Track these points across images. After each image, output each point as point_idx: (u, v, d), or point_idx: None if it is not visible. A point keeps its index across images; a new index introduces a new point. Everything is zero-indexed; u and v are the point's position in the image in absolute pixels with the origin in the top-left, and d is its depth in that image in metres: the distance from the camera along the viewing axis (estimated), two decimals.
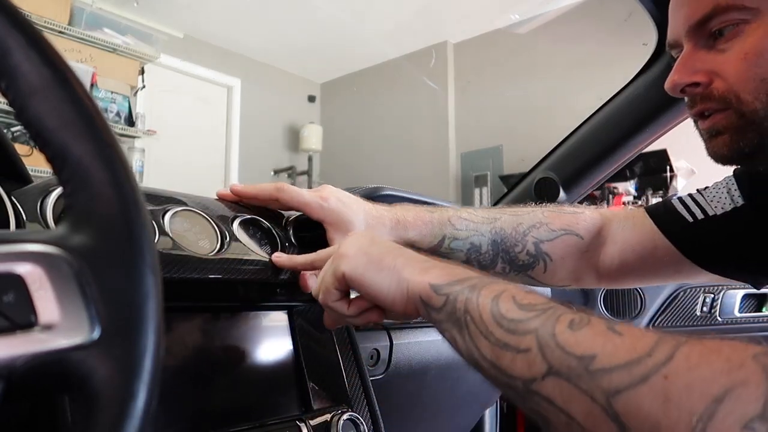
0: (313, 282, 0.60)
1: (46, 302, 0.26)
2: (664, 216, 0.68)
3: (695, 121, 0.56)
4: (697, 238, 0.65)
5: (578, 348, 0.33)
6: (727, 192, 0.65)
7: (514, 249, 0.70)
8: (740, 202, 0.63)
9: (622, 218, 0.72)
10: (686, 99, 0.55)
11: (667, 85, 0.54)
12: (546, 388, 0.34)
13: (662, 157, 2.85)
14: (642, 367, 0.30)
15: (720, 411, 0.27)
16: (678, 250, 0.66)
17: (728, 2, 0.49)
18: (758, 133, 0.50)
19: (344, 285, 0.50)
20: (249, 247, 0.59)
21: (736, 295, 1.17)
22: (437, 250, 0.67)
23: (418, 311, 0.46)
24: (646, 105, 0.96)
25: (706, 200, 0.66)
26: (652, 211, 0.69)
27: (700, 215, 0.66)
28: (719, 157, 0.54)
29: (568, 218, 0.71)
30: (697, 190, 0.68)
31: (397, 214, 0.66)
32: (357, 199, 0.65)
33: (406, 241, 0.66)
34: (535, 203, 0.74)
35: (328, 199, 0.62)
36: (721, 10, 0.49)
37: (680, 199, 0.68)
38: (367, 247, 0.49)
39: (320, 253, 0.57)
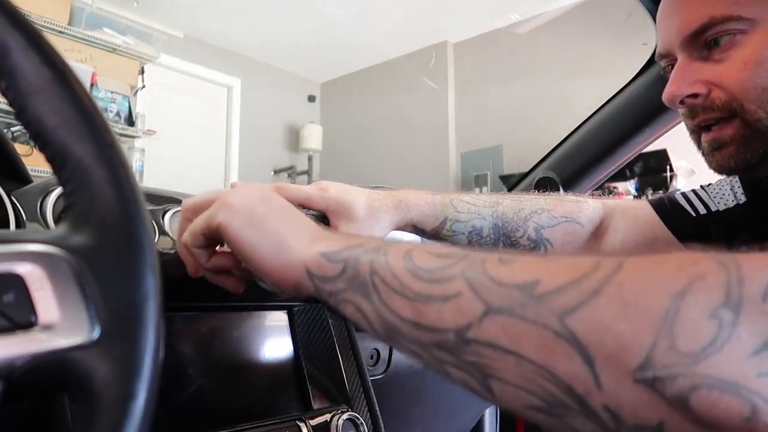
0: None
1: (46, 302, 0.26)
2: (668, 209, 0.68)
3: (694, 133, 0.55)
4: (700, 232, 0.66)
5: (517, 278, 0.29)
6: (731, 189, 0.65)
7: (515, 234, 0.69)
8: (743, 198, 0.64)
9: (625, 209, 0.72)
10: (683, 110, 0.55)
11: (664, 97, 0.54)
12: (486, 332, 0.29)
13: (662, 157, 2.85)
14: (591, 281, 0.27)
15: (684, 305, 0.25)
16: (680, 242, 0.66)
17: (724, 13, 0.48)
18: (764, 143, 0.50)
19: (216, 235, 0.43)
20: None
21: None
22: (439, 232, 0.66)
23: (299, 285, 0.39)
24: (646, 105, 0.96)
25: (709, 196, 0.67)
26: (656, 204, 0.70)
27: (702, 210, 0.66)
28: (724, 169, 0.53)
29: (570, 206, 0.71)
30: (701, 186, 0.69)
31: (399, 195, 0.66)
32: (357, 187, 0.65)
33: (408, 221, 0.64)
34: None
35: (328, 189, 0.61)
36: (717, 21, 0.49)
37: (684, 194, 0.69)
38: (256, 203, 0.43)
39: (206, 195, 0.47)
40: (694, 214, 0.66)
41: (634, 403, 0.25)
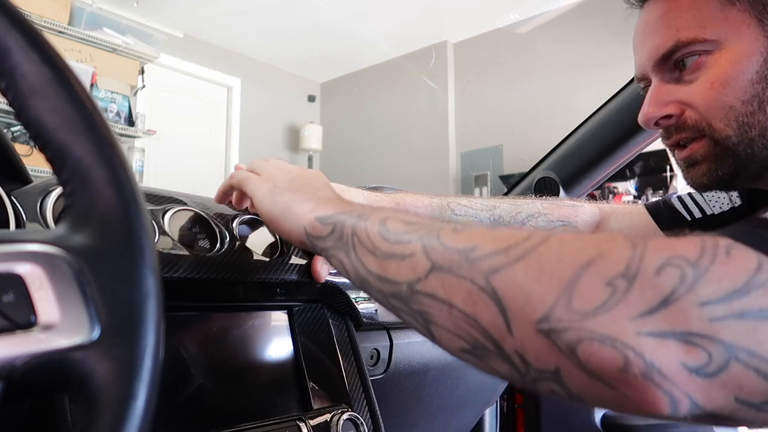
0: (325, 271, 0.61)
1: (46, 302, 0.26)
2: (664, 213, 0.68)
3: (671, 151, 0.57)
4: None
5: (460, 244, 0.35)
6: (726, 192, 0.65)
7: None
8: (738, 202, 0.64)
9: (620, 214, 0.73)
10: (661, 131, 0.56)
11: (640, 119, 0.56)
12: (429, 285, 0.35)
13: (662, 156, 2.85)
14: (519, 249, 0.32)
15: (586, 273, 0.30)
16: None
17: (689, 37, 0.51)
18: (734, 159, 0.51)
19: (240, 195, 0.58)
20: (249, 247, 0.59)
21: None
22: None
23: (303, 243, 0.47)
24: None
25: (704, 200, 0.67)
26: (652, 208, 0.70)
27: (698, 214, 0.66)
28: (699, 185, 0.54)
29: (566, 210, 0.72)
30: None
31: (397, 197, 0.68)
32: (355, 188, 0.66)
33: None
34: None
35: None
36: (683, 44, 0.51)
37: (680, 198, 0.69)
38: (277, 175, 0.53)
39: (238, 174, 0.58)
40: (689, 218, 0.66)
41: (537, 350, 0.30)
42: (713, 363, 0.27)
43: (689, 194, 0.68)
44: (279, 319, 0.63)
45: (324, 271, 0.61)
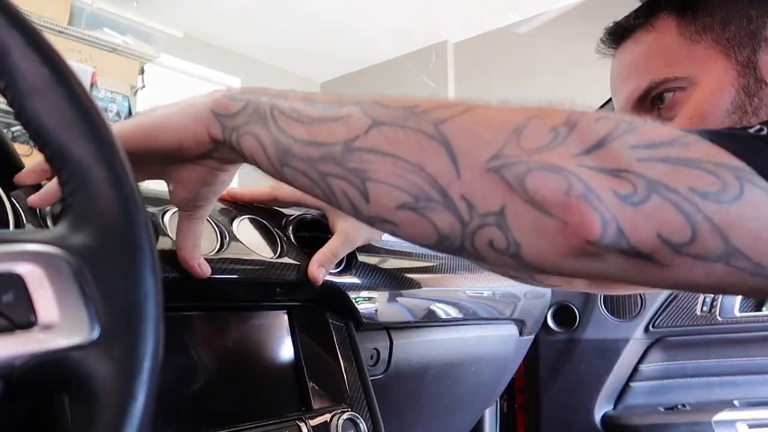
0: (323, 273, 0.60)
1: (45, 302, 0.26)
2: None
3: None
4: None
5: (402, 103, 0.36)
6: None
7: None
8: None
9: None
10: None
11: None
12: (369, 140, 0.35)
13: None
14: (463, 105, 0.35)
15: (532, 121, 0.33)
16: None
17: (661, 77, 0.55)
18: None
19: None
20: (249, 247, 0.59)
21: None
22: None
23: (208, 129, 0.42)
24: None
25: None
26: None
27: None
28: None
29: None
30: None
31: None
32: None
33: None
34: None
35: None
36: (656, 84, 0.55)
37: None
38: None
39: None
40: None
41: (485, 189, 0.32)
42: (637, 193, 0.30)
43: None
44: (279, 319, 0.63)
45: (321, 273, 0.60)
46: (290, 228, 0.65)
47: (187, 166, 0.45)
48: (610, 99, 1.05)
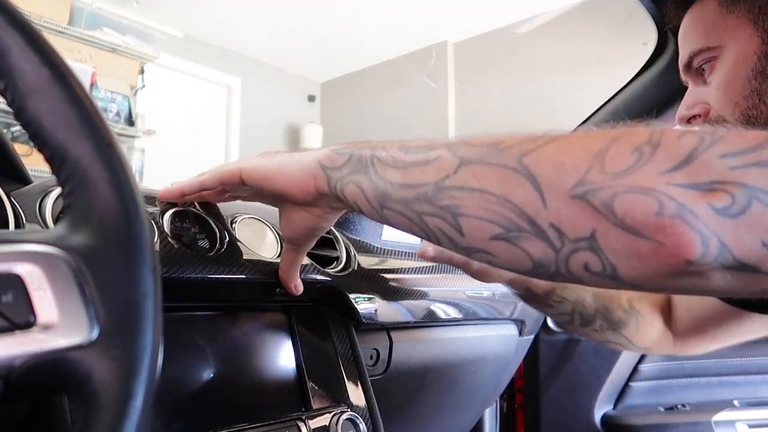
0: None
1: (44, 302, 0.26)
2: None
3: None
4: None
5: (487, 141, 0.37)
6: None
7: (610, 304, 0.74)
8: None
9: None
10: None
11: (676, 118, 0.63)
12: (458, 178, 0.36)
13: None
14: (546, 138, 0.35)
15: (614, 145, 0.32)
16: (729, 303, 0.70)
17: (697, 47, 0.59)
18: None
19: (233, 178, 0.51)
20: (249, 247, 0.59)
21: None
22: (549, 298, 0.73)
23: (315, 179, 0.46)
24: (646, 104, 0.96)
25: None
26: None
27: None
28: None
29: None
30: None
31: None
32: None
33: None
34: None
35: None
36: (695, 54, 0.59)
37: None
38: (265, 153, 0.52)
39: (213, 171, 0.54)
40: None
41: (572, 216, 0.32)
42: (736, 204, 0.29)
43: None
44: (279, 319, 0.63)
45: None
46: None
47: (296, 209, 0.50)
48: (610, 99, 1.05)
